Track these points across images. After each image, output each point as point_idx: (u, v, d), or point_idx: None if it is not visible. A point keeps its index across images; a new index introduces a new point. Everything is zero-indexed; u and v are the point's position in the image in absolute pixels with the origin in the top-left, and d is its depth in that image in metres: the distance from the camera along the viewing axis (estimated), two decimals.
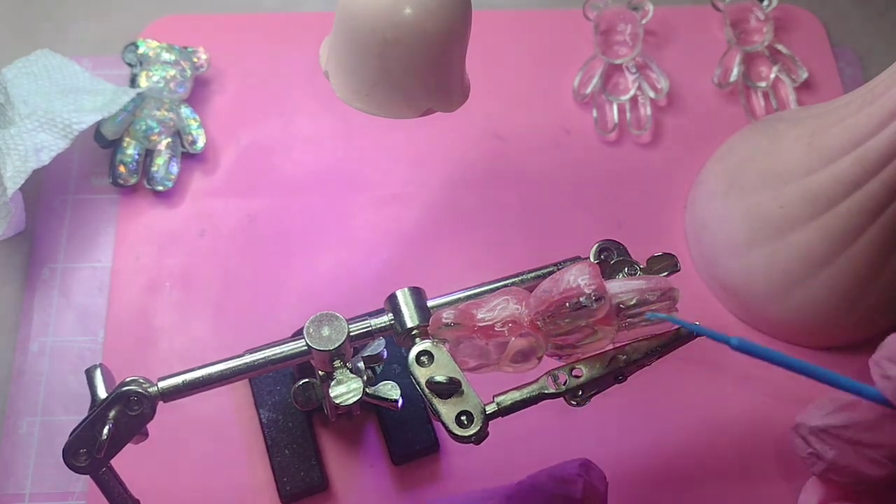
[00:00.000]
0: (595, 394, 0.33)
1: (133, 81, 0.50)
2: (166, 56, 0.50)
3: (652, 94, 0.52)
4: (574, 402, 0.32)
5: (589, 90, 0.52)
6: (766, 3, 0.54)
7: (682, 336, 0.34)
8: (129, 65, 0.51)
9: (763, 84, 0.53)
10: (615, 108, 0.52)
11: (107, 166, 0.49)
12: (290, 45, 0.53)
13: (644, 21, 0.53)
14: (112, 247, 0.48)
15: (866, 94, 0.39)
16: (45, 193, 0.50)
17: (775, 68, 0.53)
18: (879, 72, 0.39)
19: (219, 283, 0.47)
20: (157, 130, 0.49)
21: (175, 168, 0.49)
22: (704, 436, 0.44)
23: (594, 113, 0.52)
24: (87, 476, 0.34)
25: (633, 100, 0.52)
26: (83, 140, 0.48)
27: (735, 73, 0.53)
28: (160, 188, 0.49)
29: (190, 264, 0.48)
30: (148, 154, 0.49)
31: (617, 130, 0.52)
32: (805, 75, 0.53)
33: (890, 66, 0.38)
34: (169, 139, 0.49)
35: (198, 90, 0.52)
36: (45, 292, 0.47)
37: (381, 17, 0.34)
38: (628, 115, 0.52)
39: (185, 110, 0.50)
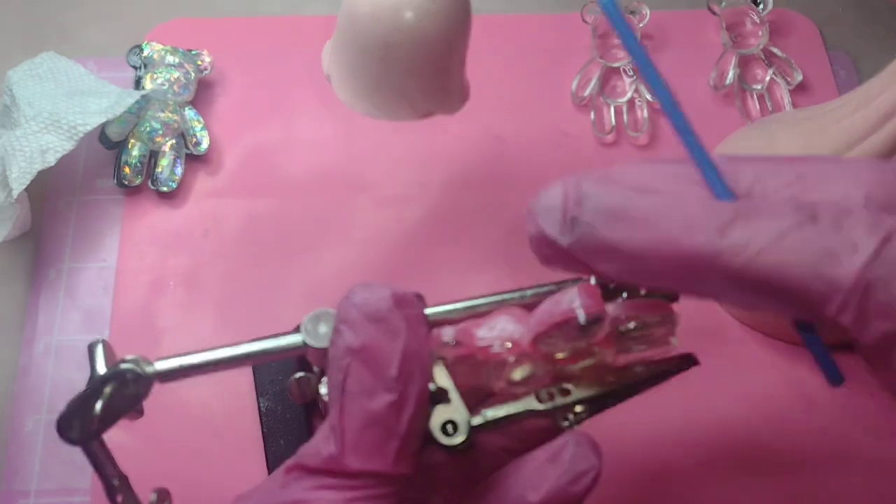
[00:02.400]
0: (586, 417, 0.32)
1: (138, 84, 0.51)
2: (171, 59, 0.51)
3: (649, 97, 0.52)
4: (566, 423, 0.32)
5: (587, 93, 0.53)
6: (761, 6, 0.55)
7: (680, 365, 0.33)
8: (134, 67, 0.51)
9: (758, 86, 0.53)
10: (612, 110, 0.52)
11: (112, 167, 0.50)
12: (293, 49, 0.54)
13: (641, 25, 0.54)
14: (117, 247, 0.49)
15: (861, 97, 0.39)
16: (51, 194, 0.50)
17: (770, 71, 0.53)
18: (873, 74, 0.40)
19: (222, 283, 0.48)
20: (161, 132, 0.50)
21: (179, 169, 0.50)
22: (705, 433, 0.45)
23: (592, 115, 0.52)
24: (92, 474, 0.35)
25: (631, 102, 0.53)
26: (88, 141, 0.49)
27: (731, 75, 0.53)
28: (164, 189, 0.49)
29: (194, 264, 0.48)
30: (152, 155, 0.50)
31: (614, 132, 0.52)
32: (800, 78, 0.53)
33: (884, 69, 0.39)
34: (173, 140, 0.50)
35: (202, 92, 0.52)
36: (51, 292, 0.48)
37: (383, 21, 0.35)
38: (625, 117, 0.52)
39: (189, 112, 0.50)
